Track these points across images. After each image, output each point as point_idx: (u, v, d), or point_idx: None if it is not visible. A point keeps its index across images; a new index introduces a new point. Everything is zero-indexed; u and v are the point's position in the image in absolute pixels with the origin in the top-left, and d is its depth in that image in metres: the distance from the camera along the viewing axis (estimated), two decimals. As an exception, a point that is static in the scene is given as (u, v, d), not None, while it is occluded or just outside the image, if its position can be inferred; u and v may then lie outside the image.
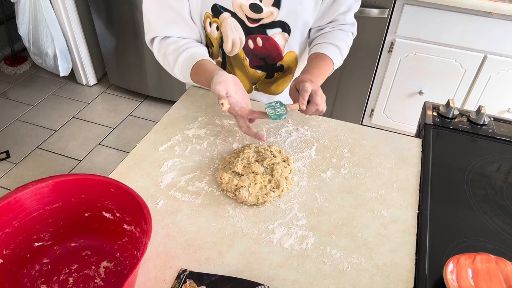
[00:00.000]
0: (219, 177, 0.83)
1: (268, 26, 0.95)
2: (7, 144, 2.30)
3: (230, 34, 0.96)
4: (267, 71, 1.06)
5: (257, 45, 0.99)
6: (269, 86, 1.10)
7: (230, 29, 0.95)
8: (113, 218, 0.72)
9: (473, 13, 1.77)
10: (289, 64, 1.06)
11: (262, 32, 0.96)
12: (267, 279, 0.67)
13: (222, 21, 0.94)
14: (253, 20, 0.93)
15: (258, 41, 0.97)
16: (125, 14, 2.31)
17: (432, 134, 1.01)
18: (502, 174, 0.91)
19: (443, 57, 1.94)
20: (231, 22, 0.94)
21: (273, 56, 1.02)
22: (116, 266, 0.70)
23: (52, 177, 0.69)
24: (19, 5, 2.33)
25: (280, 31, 0.96)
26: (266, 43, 0.98)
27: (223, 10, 0.92)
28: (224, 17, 0.93)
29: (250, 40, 0.98)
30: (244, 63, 1.03)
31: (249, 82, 1.09)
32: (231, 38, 0.97)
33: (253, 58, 1.02)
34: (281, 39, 0.98)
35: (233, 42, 0.98)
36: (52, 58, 2.51)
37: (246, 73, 1.06)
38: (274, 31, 0.96)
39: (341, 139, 0.98)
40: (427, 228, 0.77)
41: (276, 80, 1.09)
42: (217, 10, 0.93)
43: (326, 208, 0.81)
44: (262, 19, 0.93)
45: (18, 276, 0.68)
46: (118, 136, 2.40)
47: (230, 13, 0.93)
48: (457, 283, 0.64)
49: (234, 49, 1.00)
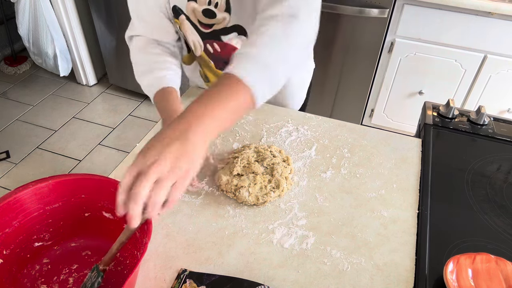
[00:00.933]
0: (218, 179, 0.83)
1: (221, 32, 0.91)
2: (7, 144, 2.30)
3: (189, 36, 0.94)
4: None
5: (216, 50, 0.95)
6: None
7: (188, 31, 0.93)
8: (113, 218, 0.72)
9: (473, 13, 1.77)
10: None
11: (217, 39, 0.92)
12: (267, 279, 0.67)
13: (181, 23, 0.92)
14: (205, 25, 0.90)
15: (215, 46, 0.94)
16: (125, 14, 2.29)
17: (432, 134, 1.01)
18: (502, 174, 0.91)
19: (443, 57, 1.94)
20: (187, 25, 0.91)
21: None
22: (116, 266, 0.70)
23: (52, 177, 0.69)
24: (19, 5, 2.33)
25: (236, 34, 0.91)
26: (224, 48, 0.94)
27: (181, 12, 0.89)
28: (182, 19, 0.91)
29: (208, 44, 0.95)
30: (210, 65, 1.01)
31: None
32: (191, 40, 0.95)
33: (217, 61, 0.99)
34: (239, 42, 0.93)
35: (194, 44, 0.96)
36: (52, 58, 2.51)
37: (214, 73, 1.03)
38: (230, 36, 0.91)
39: (341, 139, 0.98)
40: (427, 228, 0.77)
41: None
42: (176, 12, 0.90)
43: (326, 208, 0.81)
44: (214, 25, 0.89)
45: (18, 276, 0.68)
46: (118, 136, 2.40)
47: (185, 16, 0.90)
48: (457, 283, 0.64)
49: (196, 51, 0.98)
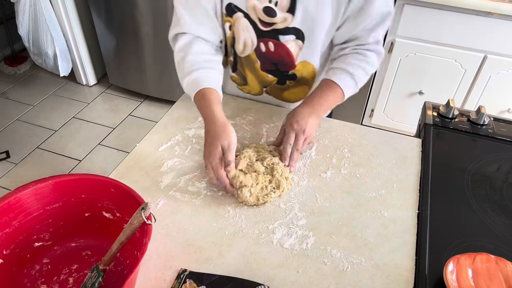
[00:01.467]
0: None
1: (281, 31, 0.91)
2: (7, 144, 2.30)
3: (242, 34, 0.94)
4: (278, 77, 1.02)
5: (268, 49, 0.95)
6: (281, 92, 1.07)
7: (242, 29, 0.93)
8: (113, 218, 0.72)
9: (473, 13, 1.77)
10: (304, 75, 1.01)
11: (275, 37, 0.92)
12: (267, 279, 0.67)
13: (235, 21, 0.93)
14: (265, 23, 0.90)
15: (269, 45, 0.94)
16: (125, 14, 2.31)
17: (432, 134, 1.01)
18: (502, 174, 0.91)
19: (443, 57, 1.94)
20: (243, 22, 0.92)
21: (285, 63, 0.98)
22: (116, 266, 0.70)
23: (52, 177, 0.69)
24: (19, 5, 2.33)
25: (294, 38, 0.92)
26: (278, 48, 0.94)
27: (237, 10, 0.91)
28: (237, 17, 0.92)
29: (262, 43, 0.95)
30: (255, 65, 1.01)
31: (260, 85, 1.06)
32: (242, 38, 0.95)
33: (265, 62, 0.99)
34: (295, 46, 0.93)
35: (245, 42, 0.96)
36: (52, 58, 2.51)
37: (257, 75, 1.03)
38: (288, 37, 0.92)
39: (341, 139, 0.98)
40: (427, 228, 0.77)
41: (288, 88, 1.05)
42: (231, 10, 0.91)
43: (326, 208, 0.80)
44: (275, 24, 0.90)
45: (18, 276, 0.68)
46: (118, 136, 2.40)
47: (243, 13, 0.91)
48: (457, 283, 0.64)
49: (245, 50, 0.98)
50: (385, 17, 0.89)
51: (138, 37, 2.36)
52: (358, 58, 0.93)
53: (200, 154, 0.92)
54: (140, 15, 2.26)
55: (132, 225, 0.61)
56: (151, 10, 2.21)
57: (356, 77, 0.92)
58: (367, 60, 0.93)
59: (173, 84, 2.50)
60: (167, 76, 2.47)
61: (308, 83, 1.04)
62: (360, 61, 0.92)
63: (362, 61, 0.93)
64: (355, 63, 0.92)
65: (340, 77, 0.91)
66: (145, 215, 0.60)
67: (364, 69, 0.93)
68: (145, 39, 2.35)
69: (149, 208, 0.60)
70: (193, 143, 0.95)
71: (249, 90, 1.09)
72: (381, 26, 0.90)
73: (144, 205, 0.60)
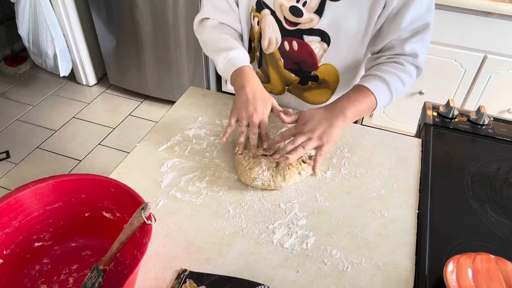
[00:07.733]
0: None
1: (306, 32, 0.90)
2: (7, 144, 2.30)
3: (267, 31, 0.96)
4: (300, 77, 1.02)
5: (292, 48, 0.95)
6: (302, 92, 1.06)
7: (268, 26, 0.94)
8: (113, 218, 0.72)
9: (473, 13, 1.77)
10: (326, 78, 1.00)
11: (299, 37, 0.92)
12: (267, 279, 0.67)
13: (262, 17, 0.94)
14: (290, 22, 0.90)
15: (293, 44, 0.94)
16: (125, 14, 2.31)
17: (432, 134, 1.01)
18: (502, 174, 0.91)
19: (443, 57, 1.94)
20: (269, 20, 0.93)
21: (308, 64, 0.97)
22: (116, 266, 0.70)
23: (52, 177, 0.69)
24: (19, 5, 2.33)
25: (319, 39, 0.91)
26: (302, 48, 0.94)
27: (265, 6, 0.92)
28: (264, 13, 0.93)
29: (286, 41, 0.95)
30: (279, 63, 1.01)
31: (282, 83, 1.06)
32: (268, 35, 0.96)
33: (288, 60, 0.99)
34: (319, 48, 0.92)
35: (270, 40, 0.97)
36: (52, 58, 2.51)
37: (280, 73, 1.04)
38: (312, 38, 0.91)
39: (341, 139, 0.98)
40: (427, 228, 0.77)
41: (310, 89, 1.04)
42: (260, 5, 0.92)
43: (326, 208, 0.81)
44: (300, 24, 0.89)
45: (18, 276, 0.68)
46: (118, 136, 2.40)
47: (270, 10, 0.91)
48: (457, 283, 0.64)
49: (269, 47, 0.99)
50: (422, 29, 0.85)
51: (138, 37, 2.36)
52: (393, 66, 0.88)
53: (200, 154, 0.92)
54: (140, 15, 2.26)
55: (132, 225, 0.61)
56: (151, 10, 2.21)
57: (390, 84, 0.86)
58: (403, 69, 0.87)
59: (173, 84, 2.50)
60: (167, 76, 2.47)
61: (330, 86, 1.03)
62: (395, 69, 0.87)
63: (399, 70, 0.87)
64: (390, 70, 0.87)
65: (374, 83, 0.86)
66: (145, 215, 0.60)
67: (400, 77, 0.87)
68: (145, 39, 2.35)
69: (149, 208, 0.60)
70: (193, 143, 0.95)
71: (271, 89, 1.10)
72: (418, 38, 0.85)
73: (144, 205, 0.60)
